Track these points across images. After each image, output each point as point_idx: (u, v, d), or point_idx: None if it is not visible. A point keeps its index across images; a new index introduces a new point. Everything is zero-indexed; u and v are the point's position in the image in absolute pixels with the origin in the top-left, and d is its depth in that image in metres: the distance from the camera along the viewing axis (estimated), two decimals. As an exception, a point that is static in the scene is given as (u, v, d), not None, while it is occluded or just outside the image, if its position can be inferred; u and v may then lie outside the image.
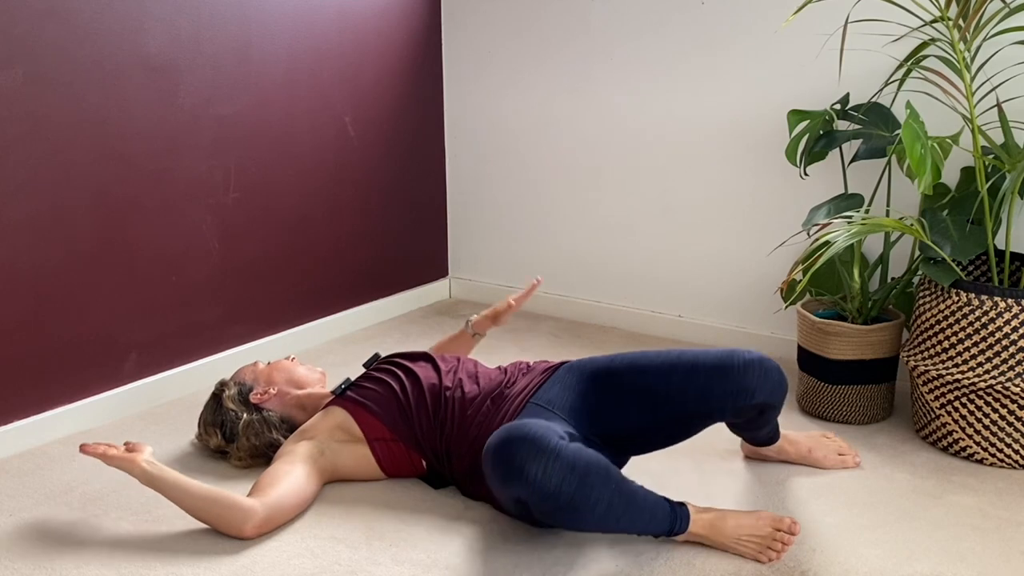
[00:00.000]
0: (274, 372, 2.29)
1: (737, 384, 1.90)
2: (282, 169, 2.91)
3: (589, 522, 1.73)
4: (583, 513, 1.69)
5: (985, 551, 1.87)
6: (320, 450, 2.07)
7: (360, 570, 1.82)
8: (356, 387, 2.17)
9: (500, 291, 3.52)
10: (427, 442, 2.07)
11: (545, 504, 1.68)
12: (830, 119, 2.55)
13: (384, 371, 2.20)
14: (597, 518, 1.71)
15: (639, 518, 1.76)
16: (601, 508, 1.69)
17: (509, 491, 1.71)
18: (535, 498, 1.68)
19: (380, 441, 2.09)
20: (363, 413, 2.10)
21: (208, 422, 2.26)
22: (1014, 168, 2.22)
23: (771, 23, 2.77)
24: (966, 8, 2.17)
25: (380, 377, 2.17)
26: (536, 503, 1.69)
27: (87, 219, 2.42)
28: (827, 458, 2.21)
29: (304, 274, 3.05)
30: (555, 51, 3.21)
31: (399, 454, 2.10)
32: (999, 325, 2.14)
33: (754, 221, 2.93)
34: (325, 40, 2.99)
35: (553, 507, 1.68)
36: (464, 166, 3.53)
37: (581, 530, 1.81)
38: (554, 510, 1.69)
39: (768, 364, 1.92)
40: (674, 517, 1.82)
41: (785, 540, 1.82)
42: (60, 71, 2.31)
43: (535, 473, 1.66)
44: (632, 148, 3.13)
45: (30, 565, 1.85)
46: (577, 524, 1.75)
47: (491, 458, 1.72)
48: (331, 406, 2.14)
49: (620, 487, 1.72)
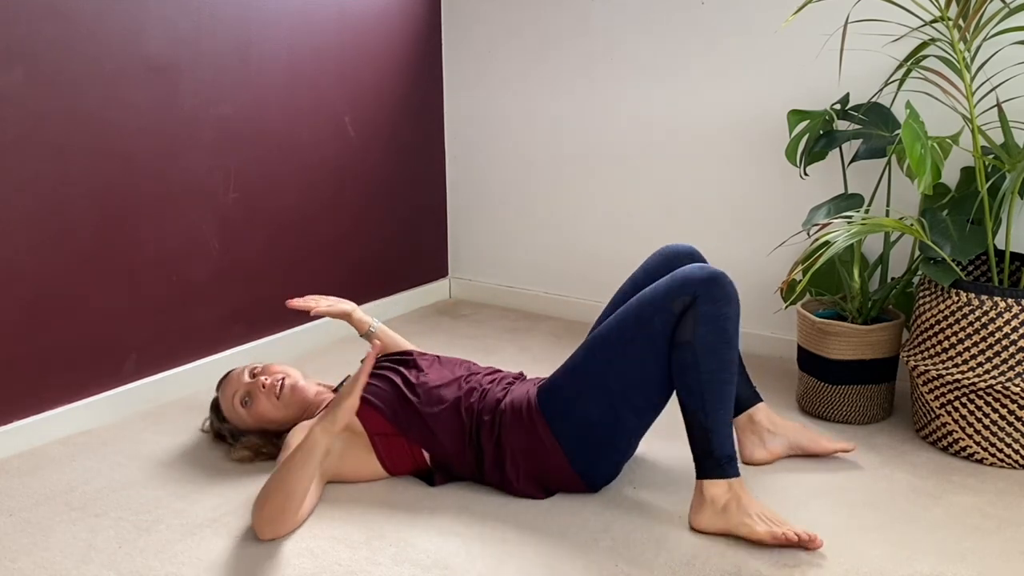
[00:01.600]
0: (260, 421, 2.21)
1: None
2: (282, 169, 2.91)
3: (732, 353, 1.93)
4: (733, 342, 1.94)
5: (985, 551, 1.87)
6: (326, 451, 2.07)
7: (360, 570, 1.82)
8: None
9: (500, 291, 3.52)
10: (442, 423, 2.08)
11: (736, 312, 1.94)
12: (830, 119, 2.55)
13: (385, 368, 2.22)
14: (731, 356, 1.93)
15: (731, 403, 1.94)
16: (735, 353, 1.94)
17: (721, 305, 1.91)
18: (733, 309, 1.93)
19: (381, 436, 2.10)
20: (364, 408, 2.10)
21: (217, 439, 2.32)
22: (1014, 168, 2.22)
23: (771, 23, 2.77)
24: (966, 8, 2.17)
25: (381, 374, 2.19)
26: (734, 315, 1.94)
27: (87, 219, 2.42)
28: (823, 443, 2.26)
29: (304, 274, 3.05)
30: (555, 51, 3.21)
31: (400, 448, 2.10)
32: (999, 325, 2.14)
33: (754, 221, 2.93)
34: (325, 40, 2.99)
35: (728, 321, 1.92)
36: (464, 166, 3.53)
37: (733, 354, 1.94)
38: (727, 325, 1.92)
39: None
40: (735, 454, 1.94)
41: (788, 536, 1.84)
42: (60, 71, 2.31)
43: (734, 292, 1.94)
44: (632, 148, 3.13)
45: (30, 565, 1.85)
46: (727, 350, 1.93)
47: (703, 283, 1.92)
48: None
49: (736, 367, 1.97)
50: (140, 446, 2.36)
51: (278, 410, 2.20)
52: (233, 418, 2.24)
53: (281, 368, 2.26)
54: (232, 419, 2.25)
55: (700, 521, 1.92)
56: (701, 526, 1.92)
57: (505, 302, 3.52)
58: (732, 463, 1.92)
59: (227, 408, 2.25)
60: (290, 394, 2.20)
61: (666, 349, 1.94)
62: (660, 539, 1.91)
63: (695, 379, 1.91)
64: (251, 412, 2.21)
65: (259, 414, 2.20)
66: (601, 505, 2.05)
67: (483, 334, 3.18)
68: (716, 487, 1.91)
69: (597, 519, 2.00)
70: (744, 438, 2.23)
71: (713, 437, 1.91)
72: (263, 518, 1.89)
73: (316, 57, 2.96)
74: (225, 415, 2.26)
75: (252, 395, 2.20)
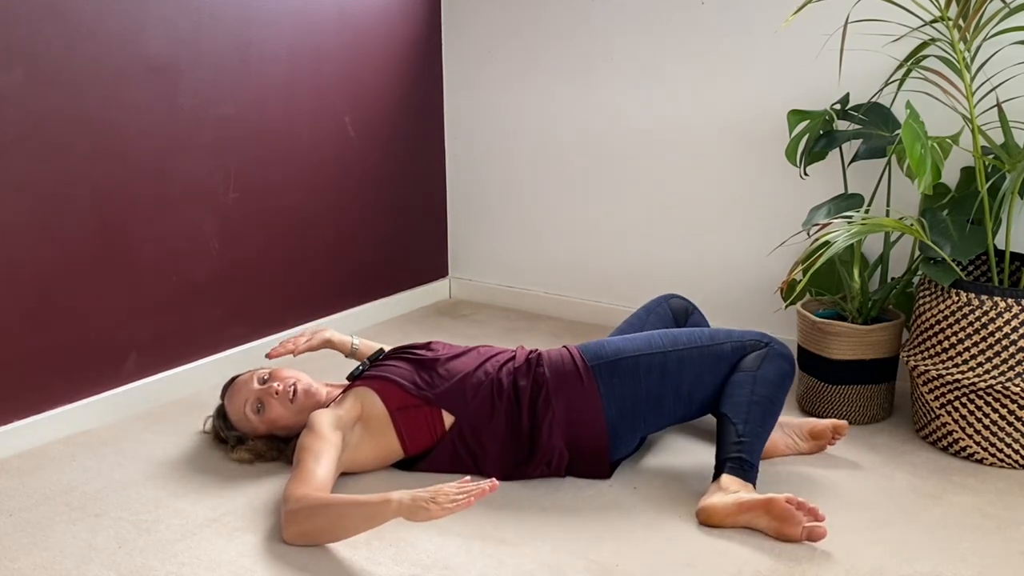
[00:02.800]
0: (272, 427, 2.21)
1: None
2: (282, 169, 2.91)
3: (781, 399, 2.14)
4: (783, 395, 2.14)
5: (985, 551, 1.87)
6: (345, 443, 2.08)
7: (360, 570, 1.82)
8: (374, 367, 2.24)
9: (500, 291, 3.52)
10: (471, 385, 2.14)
11: (792, 368, 2.18)
12: (830, 119, 2.55)
13: (396, 356, 2.28)
14: (780, 400, 2.13)
15: (767, 435, 2.09)
16: (782, 404, 2.14)
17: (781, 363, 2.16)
18: (788, 364, 2.17)
19: (402, 410, 2.12)
20: (384, 385, 2.14)
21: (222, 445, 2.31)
22: (1014, 168, 2.22)
23: (771, 23, 2.77)
24: (966, 8, 2.17)
25: (396, 357, 2.26)
26: (788, 367, 2.17)
27: (87, 219, 2.42)
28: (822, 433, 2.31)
29: (304, 274, 3.05)
30: (555, 51, 3.21)
31: (420, 419, 2.13)
32: (999, 325, 2.14)
33: (754, 221, 2.93)
34: (325, 40, 2.98)
35: (788, 378, 2.16)
36: (464, 166, 3.53)
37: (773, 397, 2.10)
38: (785, 378, 2.15)
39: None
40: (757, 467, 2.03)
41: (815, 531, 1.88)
42: (60, 71, 2.31)
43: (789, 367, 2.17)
44: (632, 148, 3.13)
45: (30, 565, 1.85)
46: (779, 393, 2.13)
47: (783, 354, 2.18)
48: (353, 388, 2.18)
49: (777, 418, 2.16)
50: (140, 446, 2.36)
51: (292, 415, 2.19)
52: (244, 426, 2.23)
53: (290, 372, 2.25)
54: (242, 427, 2.24)
55: (707, 501, 1.95)
56: (708, 505, 1.94)
57: (505, 302, 3.51)
58: (754, 472, 1.99)
59: (237, 416, 2.23)
60: (304, 398, 2.20)
61: (726, 369, 2.12)
62: (660, 539, 1.91)
63: (745, 397, 2.06)
64: (263, 419, 2.20)
65: (272, 420, 2.20)
66: (601, 505, 2.05)
67: (483, 334, 3.18)
68: (733, 481, 1.97)
69: (597, 519, 2.00)
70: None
71: (744, 444, 2.00)
72: (301, 534, 1.88)
73: (316, 57, 2.96)
74: (234, 423, 2.24)
75: (264, 401, 2.19)
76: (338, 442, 2.05)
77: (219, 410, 2.30)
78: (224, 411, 2.27)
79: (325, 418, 2.08)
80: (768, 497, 1.89)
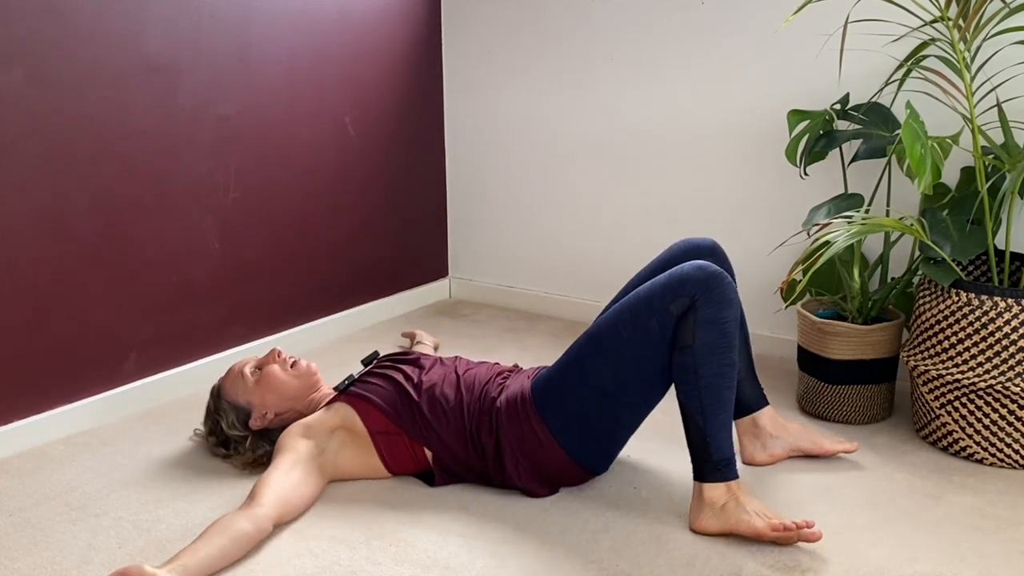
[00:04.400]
0: (267, 394, 2.19)
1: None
2: (282, 169, 2.91)
3: (731, 355, 1.91)
4: (732, 344, 1.91)
5: (985, 551, 1.87)
6: (320, 448, 2.07)
7: (360, 570, 1.82)
8: (360, 383, 2.18)
9: (500, 291, 3.52)
10: (448, 428, 2.08)
11: (735, 315, 1.92)
12: (830, 119, 2.55)
13: (387, 367, 2.23)
14: (731, 359, 1.91)
15: (730, 406, 1.93)
16: (734, 354, 1.92)
17: (717, 305, 1.89)
18: (733, 311, 1.91)
19: (383, 435, 2.10)
20: (365, 406, 2.11)
21: (209, 436, 2.28)
22: (1014, 168, 2.22)
23: (771, 23, 2.77)
24: (966, 8, 2.17)
25: (383, 373, 2.19)
26: (731, 318, 1.90)
27: (87, 219, 2.42)
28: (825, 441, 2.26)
29: (304, 274, 3.05)
30: (555, 51, 3.21)
31: (402, 447, 2.10)
32: (999, 325, 2.14)
33: (754, 221, 2.93)
34: (325, 40, 2.99)
35: (728, 324, 1.90)
36: (464, 166, 3.53)
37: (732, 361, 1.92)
38: (727, 328, 1.90)
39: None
40: (733, 457, 1.93)
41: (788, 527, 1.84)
42: (60, 71, 2.31)
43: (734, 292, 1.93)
44: (632, 148, 3.13)
45: (30, 565, 1.85)
46: (727, 353, 1.91)
47: (705, 283, 1.90)
48: (334, 402, 2.15)
49: (735, 370, 1.94)
50: (140, 446, 2.36)
51: (290, 378, 2.19)
52: (233, 389, 2.20)
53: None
54: (231, 391, 2.20)
55: (700, 522, 1.92)
56: (701, 527, 1.91)
57: (505, 302, 3.52)
58: (730, 466, 1.92)
59: (232, 378, 2.22)
60: (304, 369, 2.22)
61: (665, 350, 1.95)
62: (660, 539, 1.91)
63: (694, 383, 1.91)
64: (259, 380, 2.19)
65: (266, 382, 2.18)
66: (601, 505, 2.05)
67: (483, 334, 3.18)
68: (714, 490, 1.91)
69: (597, 519, 2.00)
70: (746, 440, 2.23)
71: (711, 441, 1.91)
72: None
73: (316, 57, 2.96)
74: (226, 387, 2.22)
75: (264, 366, 2.21)
76: (305, 449, 2.05)
77: (213, 390, 2.28)
78: (220, 388, 2.25)
79: (293, 429, 2.10)
80: (757, 532, 1.86)
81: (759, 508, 1.89)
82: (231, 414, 2.21)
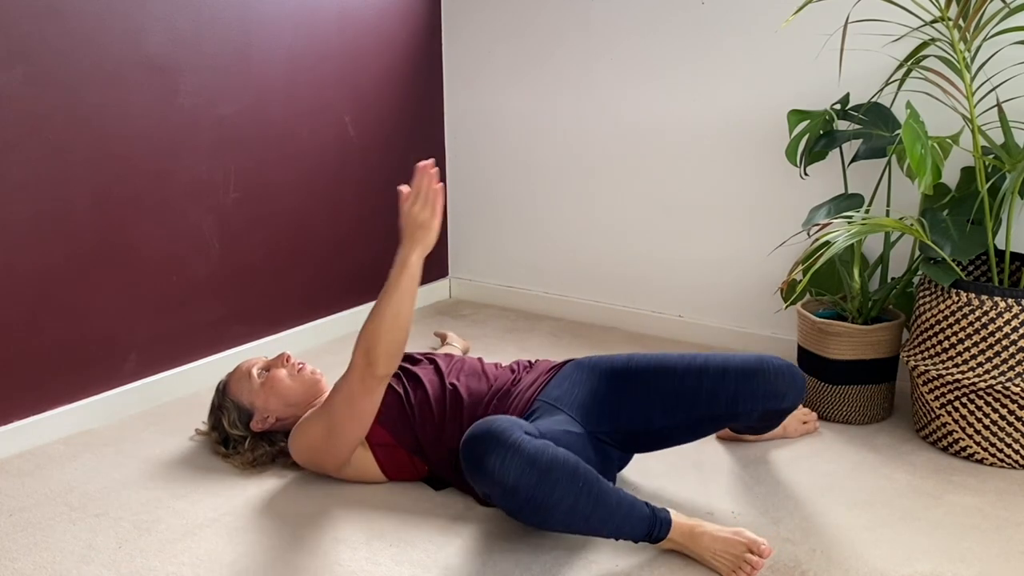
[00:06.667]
0: (270, 398, 2.19)
1: (768, 389, 1.99)
2: (282, 169, 2.91)
3: (554, 520, 1.71)
4: (546, 510, 1.68)
5: (985, 551, 1.87)
6: None
7: (360, 570, 1.82)
8: None
9: (500, 291, 3.52)
10: (430, 447, 2.07)
11: (505, 499, 1.69)
12: (830, 119, 2.55)
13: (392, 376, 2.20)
14: (561, 516, 1.69)
15: (611, 520, 1.74)
16: (565, 506, 1.68)
17: (475, 484, 1.75)
18: (495, 491, 1.69)
19: (382, 446, 2.09)
20: None
21: (212, 433, 2.28)
22: (1014, 168, 2.22)
23: (771, 23, 2.77)
24: (966, 8, 2.17)
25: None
26: (497, 497, 1.70)
27: (87, 219, 2.42)
28: (792, 427, 2.35)
29: (304, 274, 3.05)
30: (555, 51, 3.21)
31: (401, 459, 2.10)
32: (999, 325, 2.14)
33: (754, 221, 2.93)
34: (325, 40, 2.99)
35: (513, 502, 1.69)
36: (464, 166, 3.53)
37: (549, 529, 1.76)
38: (516, 505, 1.69)
39: (796, 371, 2.03)
40: (654, 522, 1.79)
41: (754, 563, 1.74)
42: (60, 71, 2.31)
43: (493, 465, 1.67)
44: (632, 148, 3.13)
45: (30, 565, 1.85)
46: (542, 521, 1.72)
47: (461, 451, 1.75)
48: None
49: (589, 487, 1.70)
50: (140, 446, 2.36)
51: (294, 384, 2.19)
52: (238, 388, 2.21)
53: None
54: (236, 390, 2.22)
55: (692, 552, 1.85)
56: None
57: (505, 302, 3.52)
58: (660, 531, 1.80)
59: (238, 376, 2.23)
60: (310, 377, 2.22)
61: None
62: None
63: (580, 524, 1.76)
64: (265, 382, 2.19)
65: (271, 385, 2.18)
66: (601, 505, 2.05)
67: (483, 334, 3.18)
68: (669, 543, 1.83)
69: (597, 519, 1.99)
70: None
71: (625, 534, 1.79)
72: (386, 353, 1.96)
73: (316, 57, 2.96)
74: (231, 385, 2.23)
75: (271, 368, 2.22)
76: None
77: (219, 386, 2.28)
78: (225, 385, 2.26)
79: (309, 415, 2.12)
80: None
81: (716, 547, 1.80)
82: (233, 412, 2.22)
